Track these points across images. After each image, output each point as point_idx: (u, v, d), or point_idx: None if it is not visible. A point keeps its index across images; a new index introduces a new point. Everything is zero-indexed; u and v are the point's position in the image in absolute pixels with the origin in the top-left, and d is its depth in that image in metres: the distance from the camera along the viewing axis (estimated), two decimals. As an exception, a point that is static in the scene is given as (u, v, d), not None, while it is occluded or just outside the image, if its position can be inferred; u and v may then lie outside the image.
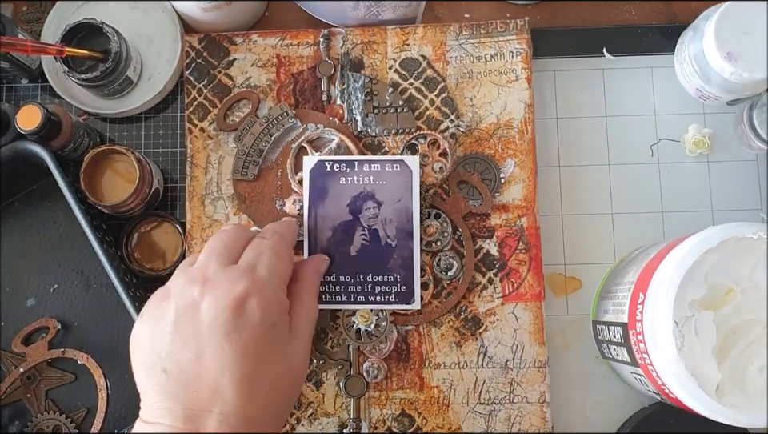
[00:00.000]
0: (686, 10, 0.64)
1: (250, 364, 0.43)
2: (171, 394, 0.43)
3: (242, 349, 0.43)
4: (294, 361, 0.47)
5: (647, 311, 0.47)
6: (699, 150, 0.62)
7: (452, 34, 0.62)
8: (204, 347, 0.43)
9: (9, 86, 0.66)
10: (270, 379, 0.45)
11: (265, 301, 0.45)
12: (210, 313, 0.44)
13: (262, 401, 0.44)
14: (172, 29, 0.65)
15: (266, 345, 0.44)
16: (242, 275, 0.45)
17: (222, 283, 0.45)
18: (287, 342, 0.46)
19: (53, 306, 0.63)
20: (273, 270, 0.47)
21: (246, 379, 0.43)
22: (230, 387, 0.43)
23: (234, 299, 0.44)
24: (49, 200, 0.64)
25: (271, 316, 0.45)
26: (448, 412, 0.58)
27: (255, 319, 0.44)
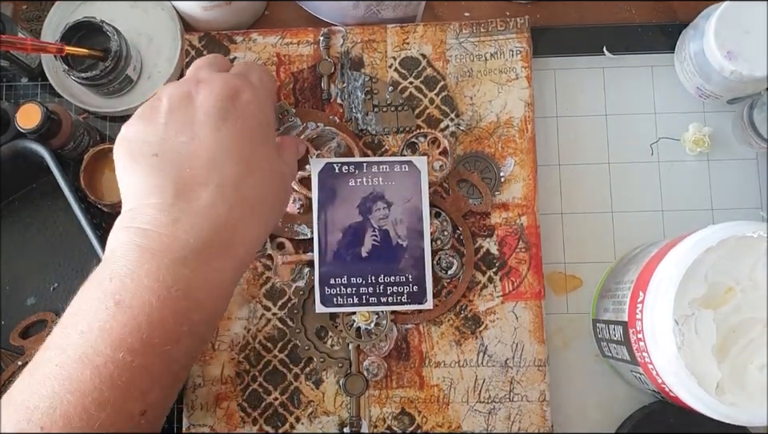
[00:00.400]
0: (686, 8, 0.64)
1: (246, 148, 0.43)
2: (162, 172, 0.41)
3: (238, 132, 0.43)
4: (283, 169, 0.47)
5: (647, 310, 0.47)
6: (699, 148, 0.62)
7: (452, 32, 0.62)
8: (199, 130, 0.42)
9: (8, 84, 0.66)
10: (264, 168, 0.44)
11: (258, 98, 0.45)
12: (206, 101, 0.43)
13: (256, 183, 0.43)
14: (172, 27, 0.65)
15: (260, 137, 0.44)
16: (235, 76, 0.45)
17: (215, 80, 0.44)
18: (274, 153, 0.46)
19: (53, 305, 0.63)
20: (263, 81, 0.48)
21: (242, 158, 0.43)
22: (227, 163, 0.42)
23: (230, 90, 0.44)
24: (49, 199, 0.64)
25: (264, 114, 0.45)
26: (448, 411, 0.58)
27: (250, 110, 0.44)
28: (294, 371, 0.58)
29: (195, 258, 0.40)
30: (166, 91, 0.45)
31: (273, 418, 0.58)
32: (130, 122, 0.45)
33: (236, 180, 0.42)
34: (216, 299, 0.42)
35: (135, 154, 0.42)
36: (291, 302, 0.59)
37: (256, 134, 0.44)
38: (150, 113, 0.44)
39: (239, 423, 0.58)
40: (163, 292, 0.39)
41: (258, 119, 0.45)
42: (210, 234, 0.41)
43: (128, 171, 0.42)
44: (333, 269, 0.56)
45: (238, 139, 0.43)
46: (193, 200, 0.41)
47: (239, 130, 0.43)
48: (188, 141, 0.42)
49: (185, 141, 0.42)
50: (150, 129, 0.43)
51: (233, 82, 0.45)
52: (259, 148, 0.44)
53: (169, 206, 0.40)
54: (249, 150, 0.43)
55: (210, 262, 0.41)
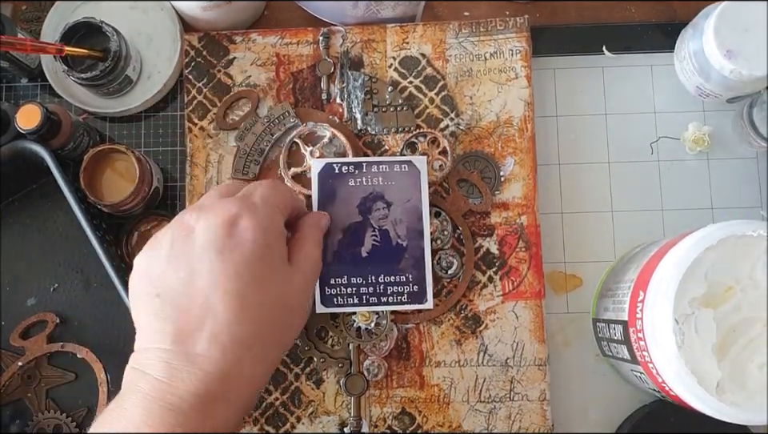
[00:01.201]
0: (686, 7, 0.64)
1: (242, 282, 0.43)
2: (162, 316, 0.42)
3: (233, 267, 0.43)
4: (291, 290, 0.46)
5: (647, 309, 0.47)
6: (699, 147, 0.62)
7: (451, 32, 0.62)
8: (196, 266, 0.43)
9: (8, 85, 0.66)
10: (262, 301, 0.44)
11: (257, 222, 0.44)
12: (203, 234, 0.43)
13: (252, 321, 0.43)
14: (171, 28, 0.65)
15: (259, 266, 0.44)
16: (236, 201, 0.45)
17: (216, 208, 0.44)
18: (283, 269, 0.46)
19: (53, 305, 0.63)
20: (267, 198, 0.47)
21: (236, 295, 0.42)
22: (220, 304, 0.42)
23: (226, 219, 0.44)
24: (49, 200, 0.64)
25: (264, 237, 0.44)
26: (448, 411, 0.58)
27: (248, 238, 0.44)
28: (295, 371, 0.58)
29: (188, 407, 0.41)
30: (172, 222, 0.45)
31: (273, 418, 0.58)
32: (139, 254, 0.46)
33: (229, 322, 0.42)
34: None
35: (142, 294, 0.44)
36: (291, 302, 0.59)
37: (255, 263, 0.43)
38: (155, 244, 0.45)
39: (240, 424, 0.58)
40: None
41: (257, 246, 0.44)
42: (205, 381, 0.41)
43: (136, 311, 0.44)
44: (333, 269, 0.56)
45: (233, 274, 0.43)
46: (189, 346, 0.42)
47: (234, 263, 0.43)
48: (186, 277, 0.43)
49: (183, 277, 0.43)
50: (153, 263, 0.44)
51: (230, 208, 0.44)
52: (259, 277, 0.44)
53: (166, 353, 0.42)
54: (243, 284, 0.43)
55: (207, 409, 0.41)
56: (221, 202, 0.45)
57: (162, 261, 0.44)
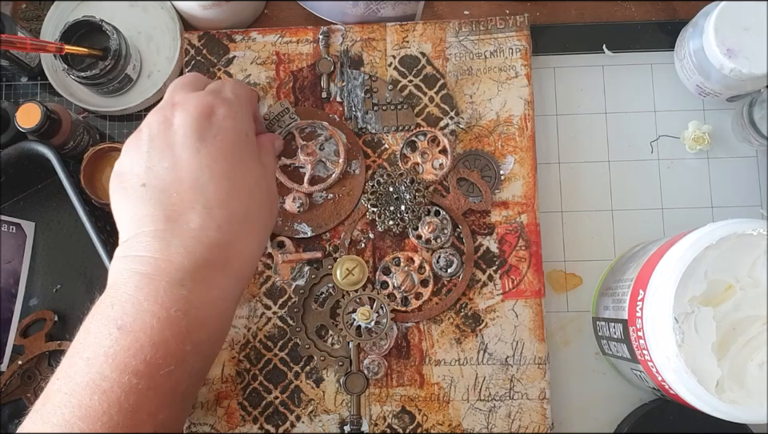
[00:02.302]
0: (686, 6, 0.64)
1: (228, 163, 0.44)
2: (151, 201, 0.43)
3: (217, 150, 0.44)
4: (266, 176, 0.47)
5: (647, 308, 0.47)
6: (699, 146, 0.62)
7: (451, 30, 0.62)
8: (180, 154, 0.43)
9: (8, 84, 0.66)
10: (247, 181, 0.45)
11: (233, 112, 0.46)
12: (182, 124, 0.44)
13: (241, 198, 0.44)
14: (171, 26, 0.65)
15: (240, 150, 0.45)
16: (209, 93, 0.46)
17: (190, 100, 0.45)
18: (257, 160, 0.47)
19: (55, 305, 0.63)
20: (238, 93, 0.48)
21: (224, 175, 0.44)
22: (210, 183, 0.43)
23: (204, 108, 0.45)
24: (54, 200, 0.64)
25: (242, 125, 0.46)
26: (448, 409, 0.58)
27: (227, 125, 0.45)
28: (295, 369, 0.58)
29: (191, 278, 0.41)
30: (147, 120, 0.46)
31: (273, 416, 0.58)
32: (120, 157, 0.46)
33: (221, 199, 0.43)
34: (217, 316, 0.43)
35: (125, 187, 0.44)
36: (291, 300, 0.59)
37: (236, 147, 0.45)
38: (134, 144, 0.45)
39: (240, 422, 0.58)
40: (163, 314, 0.40)
41: (236, 131, 0.45)
42: (204, 253, 0.42)
43: (121, 205, 0.44)
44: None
45: (219, 156, 0.44)
46: (183, 223, 0.42)
47: (218, 148, 0.44)
48: (171, 166, 0.43)
49: (168, 166, 0.43)
50: (135, 159, 0.44)
51: (206, 99, 0.45)
52: (240, 161, 0.45)
53: (161, 232, 0.42)
54: (230, 166, 0.44)
55: (207, 280, 0.42)
56: (194, 95, 0.46)
57: (143, 156, 0.44)
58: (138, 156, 0.44)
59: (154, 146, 0.44)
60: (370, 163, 0.61)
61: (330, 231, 0.60)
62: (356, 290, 0.58)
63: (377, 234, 0.60)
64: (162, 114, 0.45)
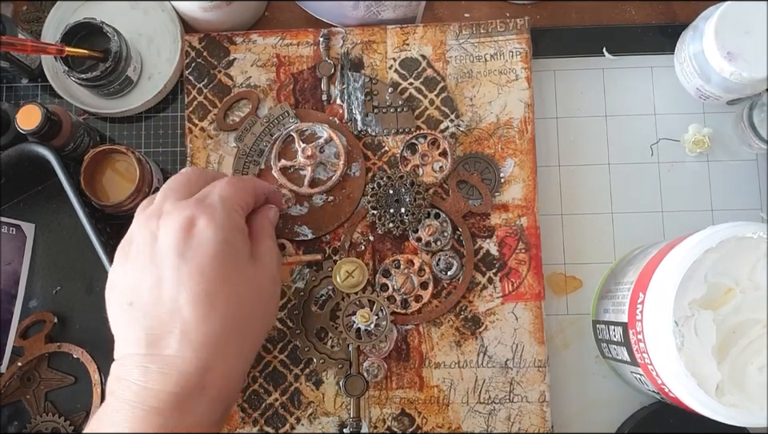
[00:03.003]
0: (686, 9, 0.64)
1: (207, 281, 0.43)
2: (136, 323, 0.44)
3: (196, 267, 0.44)
4: (258, 283, 0.47)
5: (647, 311, 0.47)
6: (699, 149, 0.62)
7: (452, 33, 0.62)
8: (162, 273, 0.44)
9: (9, 85, 0.66)
10: (230, 296, 0.44)
11: (215, 221, 0.45)
12: (165, 240, 0.44)
13: (221, 317, 0.44)
14: (172, 28, 0.65)
15: (222, 263, 0.44)
16: (195, 203, 0.46)
17: (174, 212, 0.45)
18: (247, 264, 0.46)
19: (55, 307, 0.63)
20: (224, 197, 0.47)
21: (202, 294, 0.43)
22: (187, 305, 0.43)
23: (184, 222, 0.44)
24: (54, 202, 0.64)
25: (224, 234, 0.45)
26: (448, 412, 0.58)
27: (207, 237, 0.44)
28: (294, 371, 0.58)
29: (166, 406, 0.41)
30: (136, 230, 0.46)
31: (273, 419, 0.58)
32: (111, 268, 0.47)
33: (198, 321, 0.43)
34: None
35: (116, 305, 0.45)
36: (291, 303, 0.59)
37: (216, 261, 0.44)
38: (123, 256, 0.46)
39: (239, 424, 0.58)
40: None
41: (217, 242, 0.44)
42: (179, 380, 0.42)
43: (114, 322, 0.45)
44: None
45: (197, 274, 0.43)
46: (162, 348, 0.43)
47: (197, 264, 0.44)
48: (154, 284, 0.44)
49: (151, 285, 0.44)
50: (123, 275, 0.45)
51: (188, 211, 0.45)
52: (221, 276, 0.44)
53: (142, 357, 0.43)
54: (209, 284, 0.44)
55: (182, 408, 0.42)
56: (178, 205, 0.46)
57: (129, 271, 0.45)
58: (126, 272, 0.45)
59: (140, 261, 0.45)
60: (370, 166, 0.61)
61: (329, 234, 0.60)
62: (356, 292, 0.58)
63: (377, 236, 0.60)
64: (149, 228, 0.45)
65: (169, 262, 0.44)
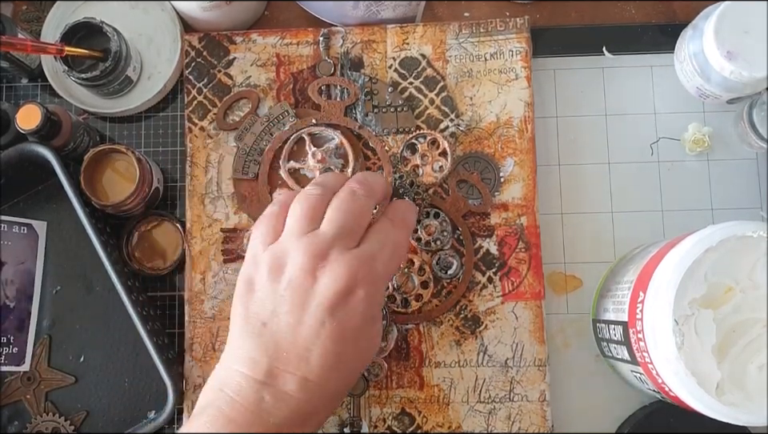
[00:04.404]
0: (686, 8, 0.64)
1: (342, 345, 0.45)
2: (262, 346, 0.45)
3: (339, 330, 0.45)
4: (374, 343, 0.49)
5: (647, 310, 0.47)
6: (699, 148, 0.62)
7: (452, 33, 0.62)
8: (306, 318, 0.45)
9: (8, 85, 0.66)
10: (354, 362, 0.47)
11: (372, 297, 0.46)
12: (322, 291, 0.45)
13: (341, 377, 0.46)
14: (172, 28, 0.65)
15: (359, 335, 0.46)
16: (361, 265, 0.46)
17: (341, 266, 0.46)
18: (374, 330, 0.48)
19: (54, 308, 0.63)
20: (388, 269, 0.48)
21: (334, 355, 0.45)
22: (318, 358, 0.45)
23: (347, 285, 0.45)
24: (54, 202, 0.64)
25: (372, 311, 0.47)
26: (448, 411, 0.58)
27: (359, 309, 0.46)
28: (294, 371, 0.58)
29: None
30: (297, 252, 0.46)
31: (273, 418, 0.58)
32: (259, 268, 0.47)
33: (322, 374, 0.45)
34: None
35: (250, 314, 0.46)
36: (291, 302, 0.59)
37: (357, 332, 0.46)
38: (276, 274, 0.46)
39: (239, 424, 0.58)
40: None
41: (365, 317, 0.46)
42: (288, 417, 0.44)
43: (237, 327, 0.47)
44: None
45: (337, 337, 0.45)
46: (280, 384, 0.44)
47: (341, 329, 0.45)
48: (294, 323, 0.45)
49: (291, 323, 0.45)
50: (269, 294, 0.46)
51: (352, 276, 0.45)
52: (353, 345, 0.46)
53: (257, 383, 0.44)
54: (342, 349, 0.45)
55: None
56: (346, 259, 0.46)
57: (278, 297, 0.46)
58: (273, 294, 0.46)
59: (290, 295, 0.45)
60: (370, 166, 0.61)
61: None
62: (356, 292, 0.58)
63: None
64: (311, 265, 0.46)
65: (317, 312, 0.45)
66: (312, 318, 0.45)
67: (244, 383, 0.44)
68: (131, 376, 0.62)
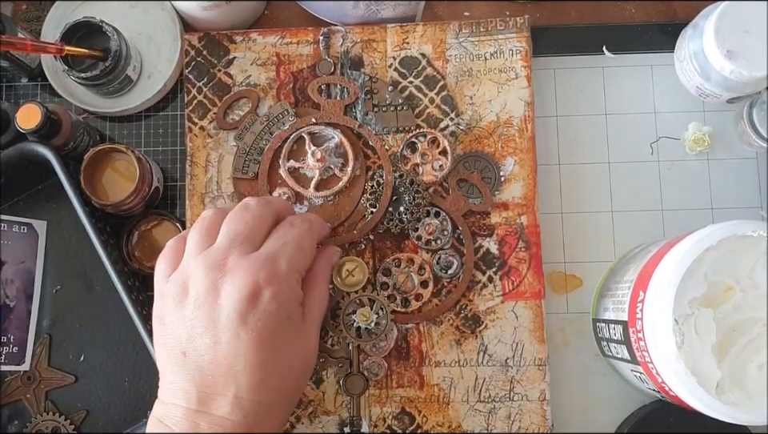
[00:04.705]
0: (686, 7, 0.64)
1: (265, 352, 0.45)
2: (188, 376, 0.45)
3: (257, 337, 0.44)
4: (306, 349, 0.48)
5: (647, 309, 0.47)
6: (699, 148, 0.62)
7: (452, 32, 0.62)
8: (221, 335, 0.45)
9: (8, 84, 0.66)
10: (283, 366, 0.46)
11: (281, 294, 0.46)
12: (228, 302, 0.45)
13: (274, 386, 0.45)
14: (172, 27, 0.65)
15: (280, 335, 0.46)
16: (262, 266, 0.46)
17: (240, 272, 0.45)
18: (300, 332, 0.48)
19: (54, 307, 0.63)
20: (293, 263, 0.48)
21: (259, 365, 0.44)
22: (243, 373, 0.44)
23: (251, 290, 0.45)
24: (54, 201, 0.64)
25: (286, 309, 0.46)
26: (448, 410, 0.58)
27: (271, 310, 0.45)
28: (294, 370, 0.58)
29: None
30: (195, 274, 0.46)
31: (273, 418, 0.58)
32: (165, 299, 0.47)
33: (252, 388, 0.44)
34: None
35: (168, 347, 0.46)
36: (291, 302, 0.59)
37: (275, 333, 0.45)
38: (181, 298, 0.46)
39: (239, 423, 0.58)
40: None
41: (279, 316, 0.46)
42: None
43: (162, 362, 0.47)
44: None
45: (256, 344, 0.45)
46: (213, 409, 0.44)
47: (258, 335, 0.45)
48: (211, 344, 0.45)
49: (208, 344, 0.45)
50: (179, 321, 0.46)
51: (255, 277, 0.45)
52: (277, 348, 0.46)
53: (192, 413, 0.44)
54: (266, 355, 0.45)
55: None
56: (244, 263, 0.46)
57: (188, 321, 0.45)
58: (182, 319, 0.45)
59: (199, 316, 0.45)
60: (370, 165, 0.61)
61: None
62: (356, 291, 0.58)
63: (377, 235, 0.60)
64: (210, 279, 0.45)
65: (230, 325, 0.44)
66: (226, 332, 0.44)
67: (179, 414, 0.44)
68: (131, 376, 0.62)
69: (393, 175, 0.59)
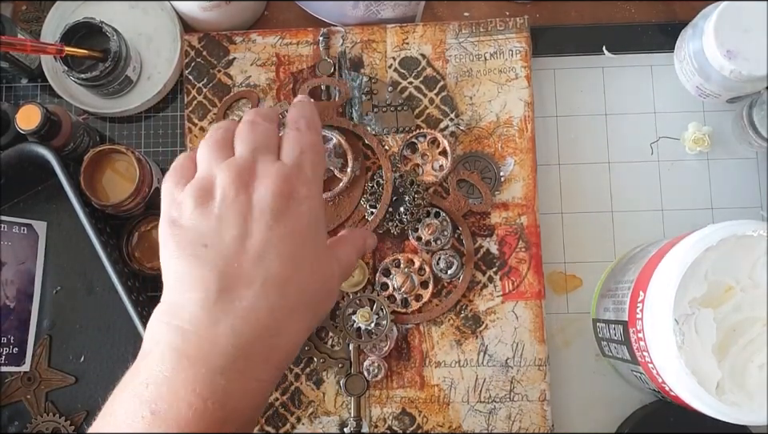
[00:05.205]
0: (686, 7, 0.64)
1: (295, 247, 0.42)
2: (209, 264, 0.40)
3: (289, 231, 0.42)
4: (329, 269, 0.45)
5: (647, 309, 0.47)
6: (699, 147, 0.62)
7: (451, 32, 0.62)
8: (252, 227, 0.41)
9: (8, 85, 0.66)
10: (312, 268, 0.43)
11: (312, 198, 0.44)
12: (263, 199, 0.42)
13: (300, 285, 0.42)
14: (171, 28, 0.65)
15: (311, 237, 0.43)
16: (291, 170, 0.44)
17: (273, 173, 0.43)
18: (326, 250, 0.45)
19: (54, 308, 0.63)
20: (317, 171, 0.46)
21: (290, 258, 0.41)
22: (275, 261, 0.41)
23: (284, 188, 0.43)
24: (54, 202, 0.64)
25: (316, 211, 0.44)
26: (448, 411, 0.58)
27: (303, 208, 0.43)
28: (295, 371, 0.58)
29: (233, 367, 0.39)
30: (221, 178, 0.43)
31: (273, 418, 0.58)
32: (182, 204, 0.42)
33: (280, 280, 0.41)
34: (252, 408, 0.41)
35: (184, 242, 0.41)
36: (291, 302, 0.59)
37: (307, 231, 0.43)
38: (204, 200, 0.42)
39: (240, 424, 0.58)
40: (200, 405, 0.38)
41: (310, 217, 0.43)
42: (250, 340, 0.39)
43: (173, 257, 0.41)
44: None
45: (288, 239, 0.42)
46: (235, 300, 0.40)
47: (291, 230, 0.42)
48: (239, 235, 0.41)
49: (236, 235, 0.41)
50: (204, 220, 0.41)
51: (289, 179, 0.43)
52: (308, 247, 0.43)
53: (211, 303, 0.39)
54: (297, 250, 0.42)
55: (249, 372, 0.40)
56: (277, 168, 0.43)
57: (212, 219, 0.41)
58: (207, 217, 0.41)
59: (228, 212, 0.42)
60: (370, 165, 0.61)
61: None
62: (356, 291, 0.58)
63: (377, 235, 0.60)
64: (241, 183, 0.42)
65: (262, 220, 0.41)
66: (257, 225, 0.41)
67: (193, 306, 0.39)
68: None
69: (393, 176, 0.59)
